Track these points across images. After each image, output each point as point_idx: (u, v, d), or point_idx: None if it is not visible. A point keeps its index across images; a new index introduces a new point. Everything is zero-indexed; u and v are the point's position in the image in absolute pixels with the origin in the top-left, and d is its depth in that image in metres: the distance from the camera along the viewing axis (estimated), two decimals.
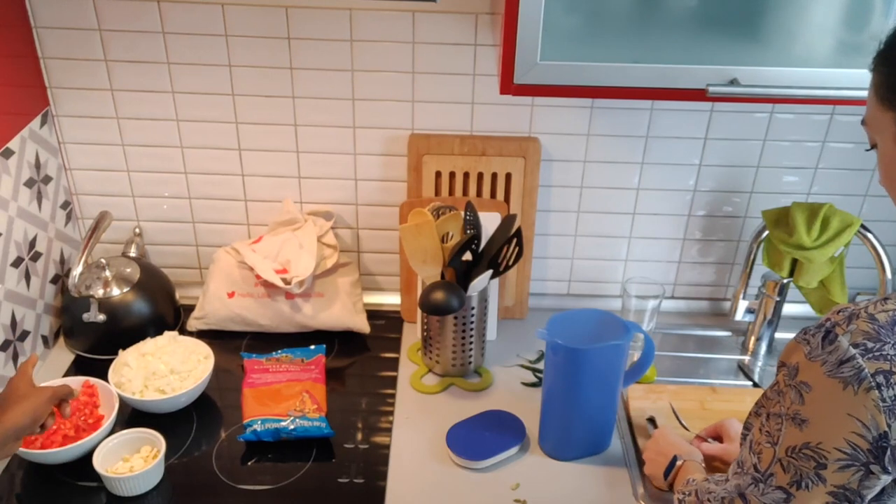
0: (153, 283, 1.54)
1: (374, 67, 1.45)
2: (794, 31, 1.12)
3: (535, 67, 1.11)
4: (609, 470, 1.29)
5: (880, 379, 0.66)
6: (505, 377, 1.48)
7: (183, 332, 1.52)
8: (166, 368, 1.36)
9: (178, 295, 1.61)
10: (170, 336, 1.43)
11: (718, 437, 1.25)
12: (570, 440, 1.30)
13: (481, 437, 1.31)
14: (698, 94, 1.12)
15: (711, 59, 1.13)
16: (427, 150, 1.51)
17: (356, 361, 1.52)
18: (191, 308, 1.58)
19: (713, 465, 1.21)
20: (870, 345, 0.68)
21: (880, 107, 0.78)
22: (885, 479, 0.67)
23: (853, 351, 0.68)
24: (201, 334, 1.54)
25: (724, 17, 1.12)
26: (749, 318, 1.59)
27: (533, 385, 1.47)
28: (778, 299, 1.53)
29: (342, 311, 1.54)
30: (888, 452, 0.66)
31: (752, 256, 1.54)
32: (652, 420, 1.39)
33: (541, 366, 1.51)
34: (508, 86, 1.13)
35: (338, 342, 1.54)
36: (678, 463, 1.13)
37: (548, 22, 1.09)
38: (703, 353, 1.61)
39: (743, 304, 1.59)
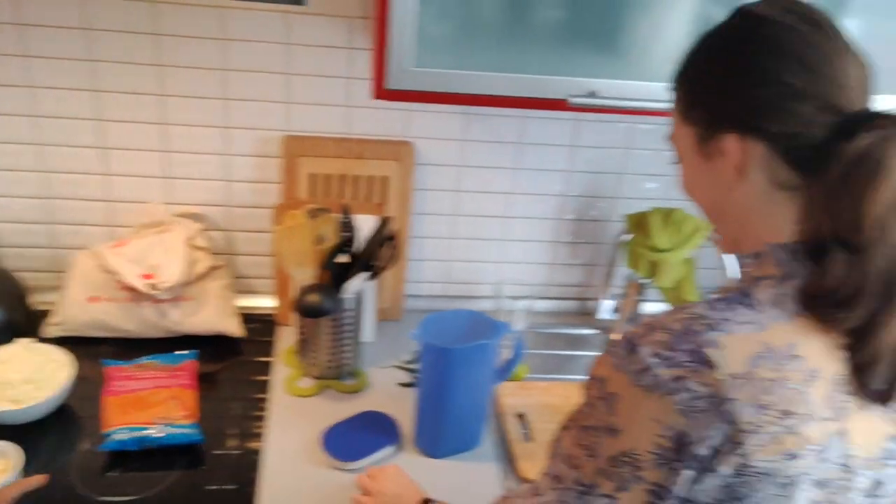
0: (1, 288, 1.45)
1: (246, 67, 1.43)
2: (649, 48, 1.20)
3: (406, 74, 1.13)
4: (480, 465, 1.33)
5: (674, 385, 0.70)
6: (381, 378, 1.50)
7: (43, 339, 1.44)
8: (20, 377, 1.29)
9: (33, 300, 1.53)
10: (23, 343, 1.35)
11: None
12: (443, 438, 1.33)
13: (356, 438, 1.31)
14: (561, 105, 1.17)
15: (573, 72, 1.18)
16: (302, 151, 1.50)
17: (228, 366, 1.49)
18: (48, 314, 1.50)
19: None
20: (665, 353, 0.71)
21: (682, 122, 0.83)
22: (687, 474, 0.71)
23: (652, 360, 0.71)
24: (62, 341, 1.46)
25: (586, 31, 1.18)
26: (613, 316, 1.68)
27: (408, 385, 1.49)
28: (638, 298, 1.63)
29: (213, 314, 1.50)
30: (686, 450, 0.70)
31: (614, 258, 1.63)
32: (521, 416, 1.45)
33: (416, 366, 1.53)
34: (381, 91, 1.14)
35: (209, 347, 1.51)
36: None
37: (421, 29, 1.11)
38: (571, 350, 1.69)
39: (608, 304, 1.68)
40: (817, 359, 0.72)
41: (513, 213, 1.66)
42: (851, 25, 1.17)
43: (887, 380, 0.73)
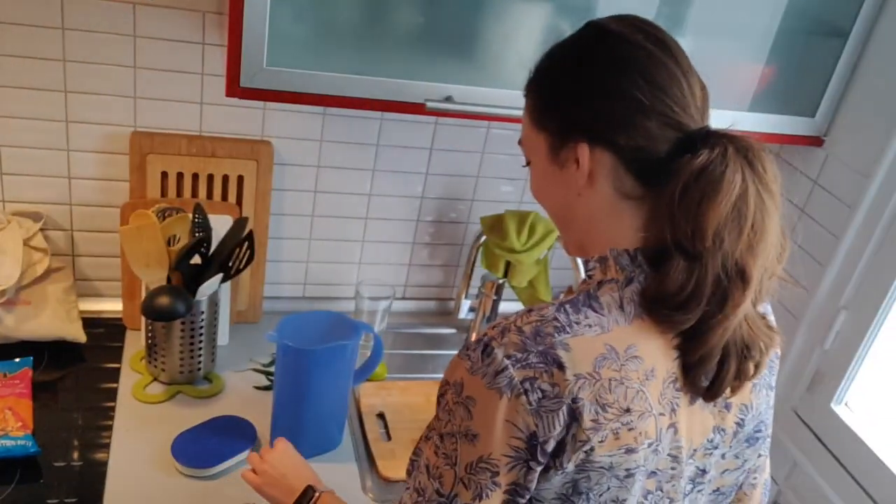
0: None
1: (89, 59, 1.36)
2: (502, 56, 1.24)
3: (261, 72, 1.11)
4: (339, 466, 1.33)
5: (527, 385, 0.72)
6: (237, 382, 1.46)
7: None
8: None
9: None
10: None
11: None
12: (301, 440, 1.31)
13: (209, 444, 1.28)
14: (419, 108, 1.20)
15: (431, 76, 1.21)
16: (151, 149, 1.44)
17: (70, 373, 1.41)
18: None
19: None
20: (519, 355, 0.73)
21: (534, 129, 0.86)
22: (540, 469, 0.74)
23: (506, 362, 0.73)
24: None
25: (443, 38, 1.21)
26: (471, 315, 1.73)
27: (266, 388, 1.46)
28: (495, 298, 1.68)
29: (53, 319, 1.42)
30: (539, 448, 0.73)
31: (472, 259, 1.67)
32: (382, 416, 1.46)
33: (273, 369, 1.51)
34: (234, 89, 1.12)
35: (48, 354, 1.42)
36: (315, 495, 1.05)
37: (275, 28, 1.10)
38: (430, 349, 1.72)
39: (466, 303, 1.72)
40: (653, 359, 0.77)
41: (372, 215, 1.67)
42: (683, 43, 1.27)
43: (713, 378, 0.79)
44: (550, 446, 0.73)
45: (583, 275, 1.53)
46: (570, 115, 0.81)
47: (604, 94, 0.79)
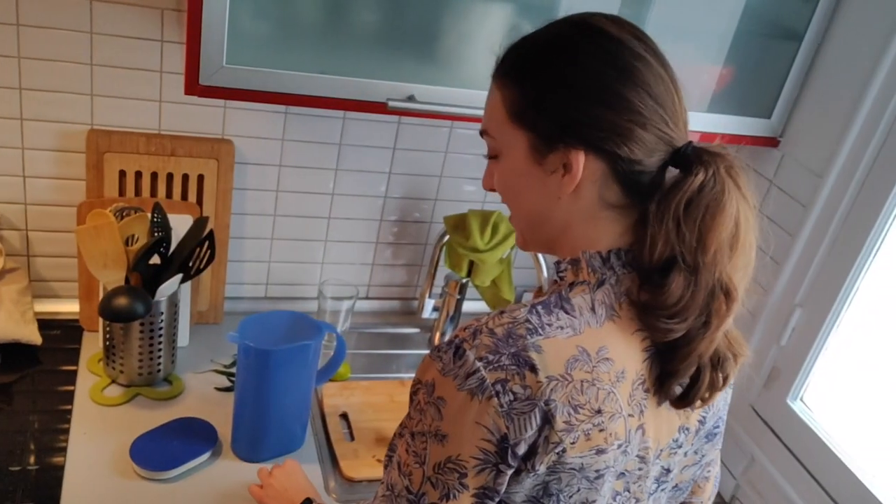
0: None
1: (44, 56, 1.33)
2: (464, 55, 1.25)
3: (221, 70, 1.10)
4: (303, 467, 1.32)
5: (498, 387, 0.72)
6: (197, 383, 1.45)
7: None
8: None
9: None
10: None
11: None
12: (263, 441, 1.31)
13: (169, 447, 1.26)
14: (380, 107, 1.20)
15: (393, 76, 1.21)
16: (109, 147, 1.42)
17: (26, 376, 1.38)
18: None
19: None
20: (490, 357, 0.73)
21: (510, 124, 0.80)
22: (510, 472, 0.74)
23: (478, 364, 0.72)
24: None
25: (405, 37, 1.21)
26: (435, 315, 1.73)
27: (227, 390, 1.45)
28: (459, 297, 1.68)
29: (7, 321, 1.38)
30: (509, 451, 0.73)
31: (436, 258, 1.67)
32: (345, 416, 1.45)
33: (235, 370, 1.49)
34: (194, 87, 1.11)
35: (3, 356, 1.38)
36: None
37: (235, 25, 1.09)
38: (394, 349, 1.71)
39: (429, 303, 1.72)
40: (623, 360, 0.77)
41: (335, 214, 1.66)
42: None
43: (687, 388, 0.80)
44: (522, 449, 0.73)
45: (545, 273, 1.54)
46: (564, 118, 0.78)
47: (605, 102, 0.76)
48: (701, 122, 1.38)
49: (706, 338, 0.77)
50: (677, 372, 0.79)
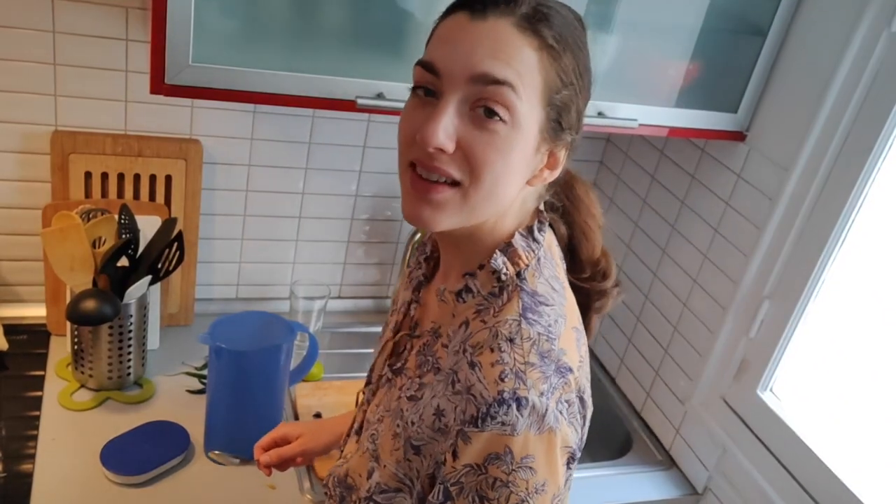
0: None
1: (5, 55, 1.31)
2: None
3: (186, 69, 1.09)
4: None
5: (561, 407, 0.72)
6: (169, 386, 1.43)
7: None
8: None
9: None
10: None
11: (279, 443, 1.14)
12: (235, 443, 1.29)
13: (140, 451, 1.25)
14: (349, 105, 1.19)
15: (362, 73, 1.20)
16: (74, 148, 1.39)
17: None
18: None
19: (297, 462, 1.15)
20: (545, 387, 0.71)
21: (540, 97, 0.71)
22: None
23: (542, 400, 0.70)
24: None
25: (373, 34, 1.21)
26: None
27: (199, 392, 1.43)
28: None
29: None
30: (576, 452, 0.75)
31: (407, 257, 1.67)
32: (318, 416, 1.45)
33: (206, 372, 1.48)
34: (160, 86, 1.09)
35: None
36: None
37: (201, 23, 1.08)
38: (367, 348, 1.71)
39: None
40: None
41: (306, 214, 1.65)
42: (612, 40, 1.30)
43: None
44: (582, 444, 0.76)
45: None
46: (577, 111, 0.75)
47: (587, 96, 0.76)
48: (668, 118, 1.39)
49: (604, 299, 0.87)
50: (600, 309, 0.87)
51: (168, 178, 1.47)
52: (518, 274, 0.76)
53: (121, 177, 1.44)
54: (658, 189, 1.68)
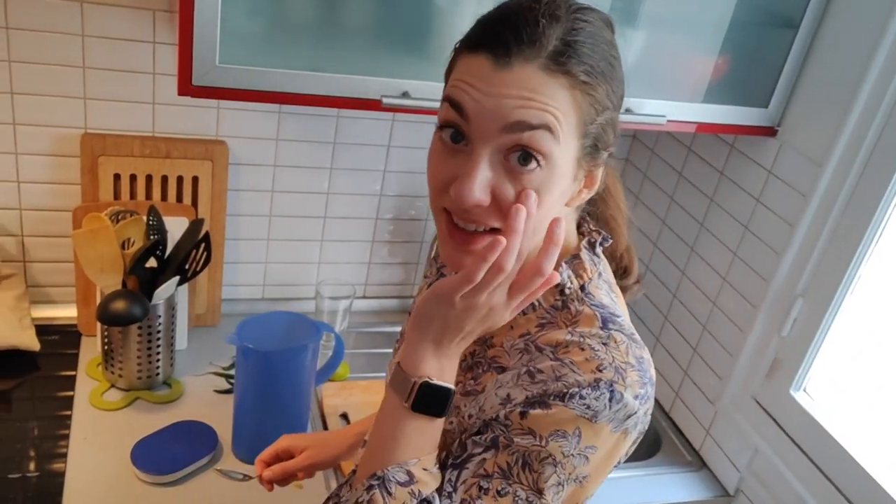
0: None
1: (36, 59, 1.33)
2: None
3: (214, 70, 1.09)
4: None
5: (646, 418, 0.72)
6: (197, 386, 1.44)
7: None
8: None
9: None
10: None
11: (282, 457, 1.11)
12: (263, 443, 1.29)
13: (170, 450, 1.26)
14: (374, 104, 1.19)
15: (387, 72, 1.20)
16: (103, 150, 1.41)
17: (24, 383, 1.37)
18: None
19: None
20: (641, 392, 0.70)
21: (576, 132, 0.68)
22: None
23: (636, 404, 0.69)
24: None
25: (398, 33, 1.20)
26: None
27: (226, 392, 1.44)
28: None
29: (5, 327, 1.38)
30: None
31: (432, 256, 1.66)
32: (345, 416, 1.45)
33: (234, 372, 1.48)
34: (187, 87, 1.10)
35: (1, 363, 1.38)
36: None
37: (228, 25, 1.08)
38: (392, 348, 1.70)
39: None
40: None
41: (331, 214, 1.65)
42: (638, 36, 1.28)
43: None
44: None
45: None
46: (614, 126, 0.72)
47: (621, 103, 0.73)
48: (697, 113, 1.37)
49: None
50: None
51: (195, 180, 1.48)
52: (582, 287, 0.76)
53: (149, 178, 1.45)
54: (686, 186, 1.65)
